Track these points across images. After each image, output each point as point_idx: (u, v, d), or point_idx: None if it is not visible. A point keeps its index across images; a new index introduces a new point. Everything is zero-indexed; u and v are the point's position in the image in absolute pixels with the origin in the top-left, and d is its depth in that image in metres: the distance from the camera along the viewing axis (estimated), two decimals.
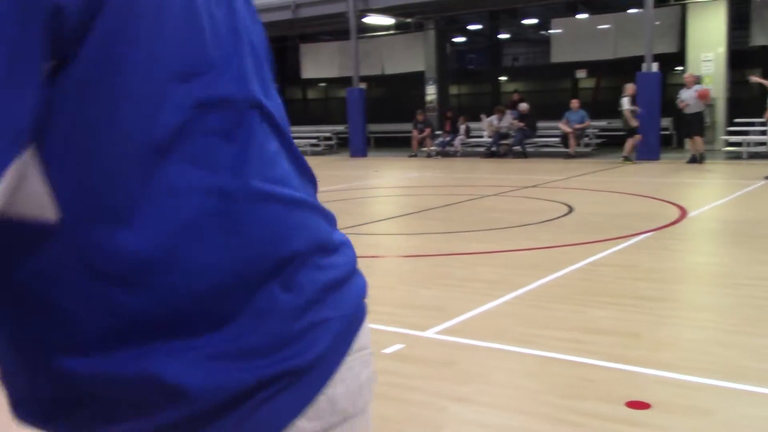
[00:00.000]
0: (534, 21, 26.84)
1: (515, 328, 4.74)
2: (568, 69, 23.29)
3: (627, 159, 16.52)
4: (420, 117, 21.14)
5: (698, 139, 15.86)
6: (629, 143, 16.47)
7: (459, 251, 7.45)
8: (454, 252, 7.42)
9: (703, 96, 15.95)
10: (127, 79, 0.75)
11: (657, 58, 17.08)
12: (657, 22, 18.00)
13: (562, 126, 18.69)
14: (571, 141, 18.48)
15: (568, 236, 7.89)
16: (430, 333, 4.68)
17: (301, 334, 0.88)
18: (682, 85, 16.41)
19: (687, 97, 15.93)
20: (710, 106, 17.56)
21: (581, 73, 23.42)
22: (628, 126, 16.45)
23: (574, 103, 18.87)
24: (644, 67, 16.99)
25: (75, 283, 0.79)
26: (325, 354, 0.91)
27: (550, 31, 23.05)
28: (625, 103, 16.28)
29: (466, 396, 3.68)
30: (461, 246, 7.74)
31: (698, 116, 16.06)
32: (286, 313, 0.87)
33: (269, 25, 24.28)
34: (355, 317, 1.03)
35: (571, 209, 9.86)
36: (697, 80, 16.80)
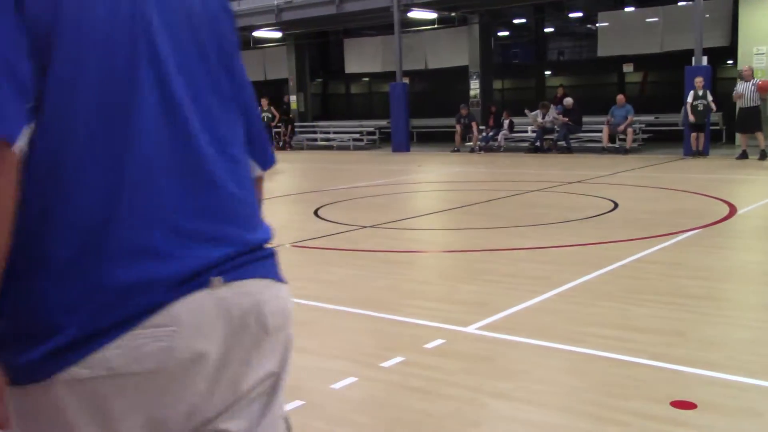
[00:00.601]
0: (580, 14, 26.48)
1: (558, 325, 4.70)
2: (615, 63, 22.93)
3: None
4: (464, 112, 21.04)
5: (760, 135, 15.42)
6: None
7: (501, 247, 7.40)
8: (497, 248, 7.38)
9: (764, 89, 15.55)
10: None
11: (706, 51, 16.72)
12: (707, 15, 17.62)
13: (605, 129, 18.41)
14: (629, 137, 18.16)
15: (613, 233, 7.78)
16: (471, 329, 4.66)
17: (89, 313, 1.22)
18: (733, 80, 16.03)
19: (744, 90, 15.54)
20: (764, 100, 17.12)
21: (628, 67, 23.04)
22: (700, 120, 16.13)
23: (620, 98, 18.57)
24: (693, 60, 16.64)
25: None
26: (104, 328, 1.21)
27: (596, 25, 22.71)
28: (691, 97, 16.02)
29: (507, 392, 3.65)
30: (504, 242, 7.69)
31: (756, 110, 15.63)
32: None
33: (313, 20, 24.45)
34: (147, 304, 1.23)
35: (616, 205, 9.72)
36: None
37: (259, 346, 1.40)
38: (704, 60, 16.55)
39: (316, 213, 10.03)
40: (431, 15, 23.17)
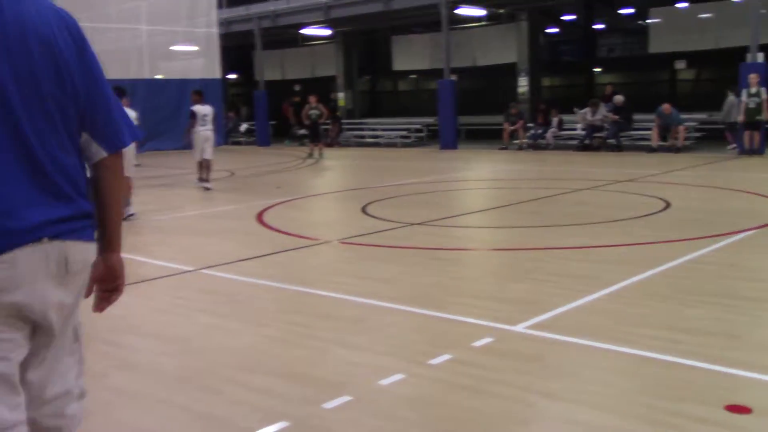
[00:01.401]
0: (631, 10, 26.04)
1: (608, 326, 4.65)
2: (667, 60, 22.52)
3: None
4: (514, 110, 20.89)
5: None
6: None
7: (550, 246, 7.34)
8: (545, 246, 7.32)
9: None
10: None
11: (762, 48, 16.30)
12: (762, 11, 17.17)
13: (654, 129, 18.05)
14: (680, 135, 17.81)
15: (665, 232, 7.66)
16: (520, 327, 4.64)
17: None
18: None
19: None
20: None
21: (680, 64, 22.60)
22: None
23: (666, 107, 18.01)
24: (749, 57, 16.25)
25: None
26: None
27: (648, 21, 22.33)
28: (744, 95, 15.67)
29: (556, 392, 3.64)
30: (552, 240, 7.63)
31: None
32: None
33: (361, 18, 24.52)
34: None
35: (668, 204, 9.56)
36: None
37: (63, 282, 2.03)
38: (760, 56, 16.14)
39: (363, 210, 10.08)
40: (480, 12, 23.05)
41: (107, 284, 2.28)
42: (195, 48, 25.49)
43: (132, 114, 10.59)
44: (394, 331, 4.72)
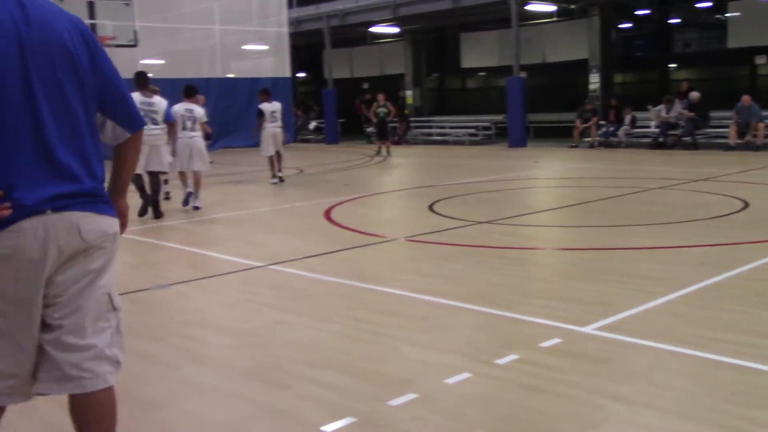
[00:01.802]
0: (708, 4, 25.25)
1: (680, 328, 4.54)
2: (746, 55, 21.76)
3: None
4: (589, 106, 20.52)
5: None
6: None
7: (621, 246, 7.20)
8: (616, 246, 7.18)
9: None
10: None
11: None
12: None
13: (732, 126, 17.44)
14: (760, 133, 17.20)
15: (742, 233, 7.41)
16: (589, 329, 4.57)
17: None
18: None
19: None
20: None
21: (761, 59, 21.80)
22: None
23: (745, 98, 17.42)
24: None
25: None
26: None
27: (726, 15, 21.62)
28: None
29: (625, 395, 3.57)
30: (623, 240, 7.47)
31: None
32: None
33: (430, 15, 24.47)
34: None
35: (746, 204, 9.25)
36: None
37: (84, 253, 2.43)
38: None
39: (430, 208, 10.07)
40: (550, 8, 22.72)
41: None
42: (265, 47, 25.90)
43: (200, 112, 10.97)
44: (460, 330, 4.71)
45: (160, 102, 10.14)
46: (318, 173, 16.22)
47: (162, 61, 23.82)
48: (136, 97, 9.70)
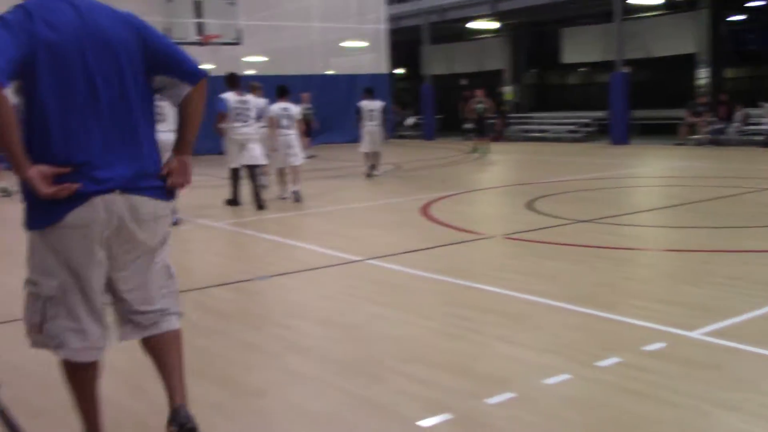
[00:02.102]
0: None
1: None
2: None
3: None
4: (702, 100, 19.68)
5: None
6: None
7: (729, 248, 6.89)
8: (724, 249, 6.88)
9: None
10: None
11: None
12: None
13: None
14: None
15: None
16: (696, 333, 4.40)
17: None
18: None
19: None
20: None
21: None
22: None
23: None
24: None
25: None
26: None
27: None
28: None
29: (734, 403, 3.42)
30: (731, 243, 7.16)
31: None
32: None
33: (529, 10, 24.09)
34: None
35: None
36: None
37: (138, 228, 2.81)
38: None
39: (529, 205, 9.94)
40: (655, 0, 21.95)
41: (179, 176, 2.91)
42: (364, 44, 26.14)
43: (295, 110, 11.41)
44: (560, 330, 4.63)
45: (253, 100, 10.70)
46: (415, 169, 16.26)
47: (264, 59, 24.40)
48: (230, 96, 10.43)
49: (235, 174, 10.76)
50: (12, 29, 2.52)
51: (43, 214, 2.65)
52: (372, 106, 14.51)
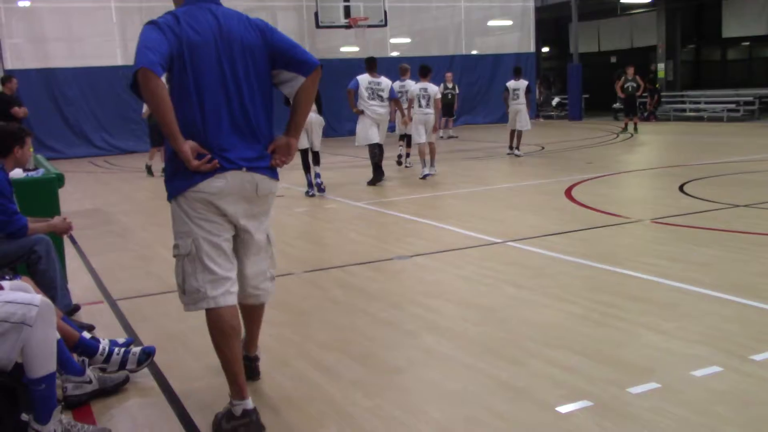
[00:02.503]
0: None
1: None
2: None
3: None
4: None
5: None
6: None
7: None
8: None
9: None
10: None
11: None
12: None
13: None
14: None
15: None
16: None
17: None
18: None
19: None
20: None
21: None
22: None
23: None
24: None
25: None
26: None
27: None
28: None
29: None
30: None
31: None
32: None
33: None
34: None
35: None
36: None
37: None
38: None
39: (681, 188, 9.45)
40: None
41: (283, 155, 3.33)
42: (510, 23, 25.68)
43: (433, 90, 11.90)
44: (711, 321, 4.38)
45: (386, 81, 11.23)
46: (560, 150, 15.85)
47: (409, 40, 24.52)
48: (365, 77, 11.14)
49: (372, 150, 11.31)
50: (163, 30, 3.03)
51: (182, 180, 3.13)
52: (517, 85, 14.82)
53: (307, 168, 10.60)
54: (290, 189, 11.12)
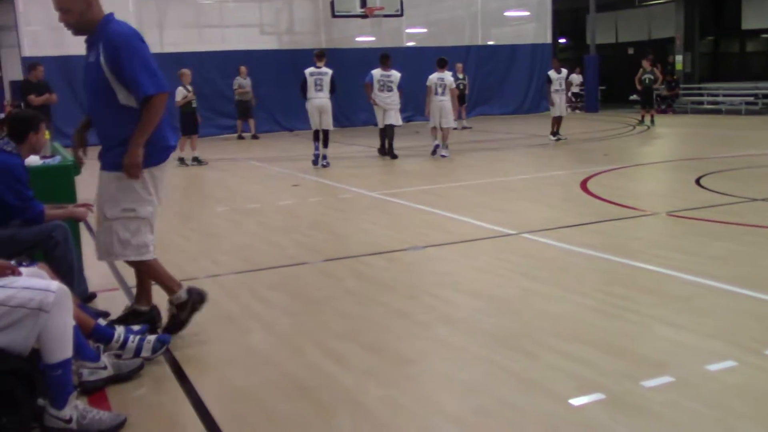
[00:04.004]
0: None
1: None
2: None
3: None
4: None
5: None
6: None
7: None
8: None
9: None
10: None
11: None
12: None
13: None
14: None
15: None
16: None
17: None
18: None
19: None
20: None
21: None
22: None
23: None
24: None
25: None
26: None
27: None
28: None
29: None
30: None
31: None
32: None
33: None
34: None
35: None
36: None
37: None
38: None
39: (697, 182, 9.38)
40: None
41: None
42: (527, 13, 25.52)
43: (449, 80, 13.46)
44: (727, 315, 4.35)
45: (395, 74, 13.30)
46: (576, 142, 15.78)
47: (425, 30, 24.43)
48: (377, 71, 13.27)
49: (382, 133, 13.65)
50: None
51: (155, 158, 4.07)
52: (560, 77, 16.20)
53: (317, 140, 12.62)
54: (305, 178, 11.13)
